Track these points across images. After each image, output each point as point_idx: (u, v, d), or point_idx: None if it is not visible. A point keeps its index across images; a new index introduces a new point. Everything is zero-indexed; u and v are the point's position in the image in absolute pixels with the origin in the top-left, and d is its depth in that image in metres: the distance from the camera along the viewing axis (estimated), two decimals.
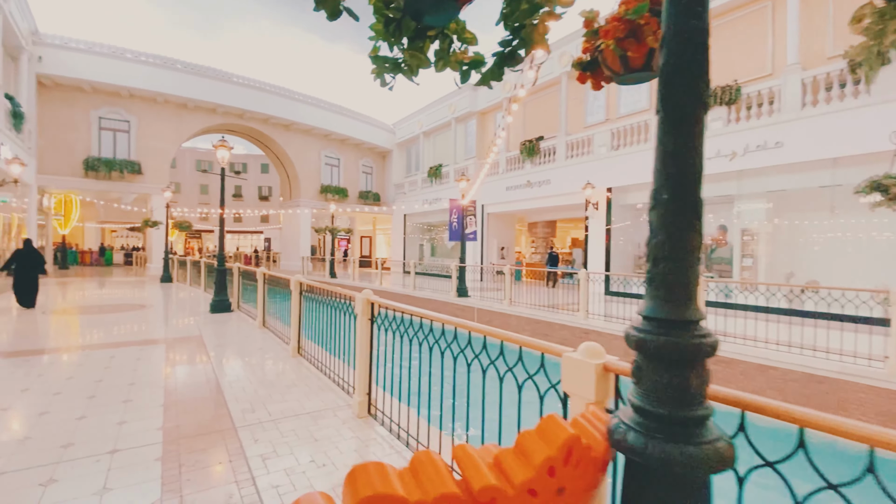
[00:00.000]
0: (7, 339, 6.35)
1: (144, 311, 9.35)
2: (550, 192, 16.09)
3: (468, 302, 12.01)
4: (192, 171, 44.21)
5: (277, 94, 21.16)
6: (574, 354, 1.62)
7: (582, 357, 1.58)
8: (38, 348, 5.83)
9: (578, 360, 1.58)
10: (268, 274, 7.34)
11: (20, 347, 5.85)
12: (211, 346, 6.11)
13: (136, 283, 16.44)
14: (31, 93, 15.41)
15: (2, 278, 12.22)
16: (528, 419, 1.71)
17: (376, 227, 32.25)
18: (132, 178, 17.89)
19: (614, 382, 1.55)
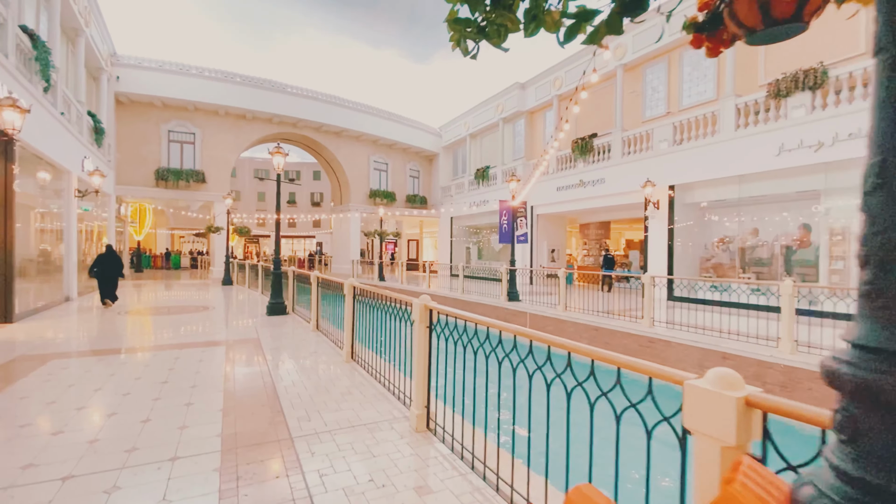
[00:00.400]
0: (87, 339, 6.75)
1: (207, 312, 9.73)
2: (605, 191, 15.33)
3: (519, 306, 11.60)
4: (250, 180, 46.61)
5: (329, 102, 21.76)
6: (701, 383, 1.29)
7: (714, 387, 1.25)
8: (112, 348, 6.13)
9: (709, 392, 1.25)
10: (321, 277, 7.37)
11: (98, 346, 6.18)
12: (267, 349, 6.17)
13: (201, 285, 17.37)
14: (110, 110, 16.73)
15: (86, 279, 13.30)
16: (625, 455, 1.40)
17: (423, 231, 32.39)
18: (197, 186, 19.00)
19: (762, 422, 1.21)
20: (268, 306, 9.44)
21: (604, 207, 16.14)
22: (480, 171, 21.85)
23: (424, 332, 3.39)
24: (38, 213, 10.08)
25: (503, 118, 20.79)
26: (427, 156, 27.43)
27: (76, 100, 12.66)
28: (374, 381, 4.72)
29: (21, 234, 9.00)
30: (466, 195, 23.31)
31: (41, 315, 9.02)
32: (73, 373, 4.86)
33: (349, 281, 5.50)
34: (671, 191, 13.13)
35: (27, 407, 3.80)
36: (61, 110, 10.62)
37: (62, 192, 11.46)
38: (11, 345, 6.23)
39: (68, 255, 11.58)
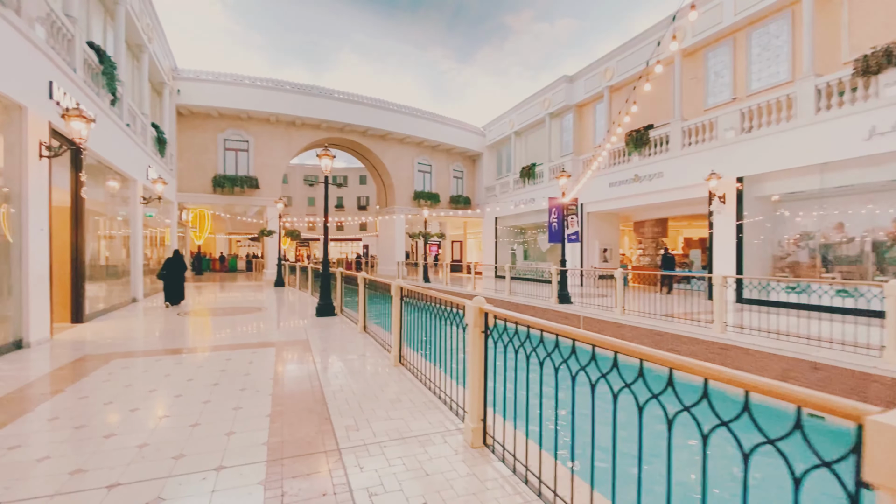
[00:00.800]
0: (148, 339, 6.99)
1: (259, 313, 9.93)
2: (662, 185, 14.35)
3: (571, 309, 11.01)
4: (301, 185, 48.39)
5: (374, 105, 22.00)
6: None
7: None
8: (170, 348, 6.28)
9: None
10: (368, 278, 7.24)
11: (156, 347, 6.36)
12: (316, 351, 6.09)
13: (254, 287, 18.01)
14: (171, 122, 17.73)
15: (151, 282, 14.11)
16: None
17: (467, 231, 32.10)
18: (251, 192, 19.76)
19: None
20: (317, 307, 9.48)
21: (661, 203, 15.13)
22: (526, 170, 21.27)
23: (479, 338, 3.07)
24: (107, 220, 10.72)
25: (550, 113, 20.11)
26: (471, 156, 27.14)
27: (141, 112, 13.43)
28: (423, 387, 4.46)
29: (91, 239, 9.59)
30: (511, 194, 22.77)
31: (109, 315, 9.54)
32: (131, 373, 4.96)
33: (396, 282, 5.28)
34: (739, 183, 12.05)
35: (85, 407, 3.84)
36: (127, 122, 11.27)
37: (129, 200, 12.16)
38: (80, 344, 6.54)
39: (135, 258, 12.27)
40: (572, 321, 10.66)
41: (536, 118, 21.08)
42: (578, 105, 19.18)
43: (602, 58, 17.23)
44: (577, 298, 12.14)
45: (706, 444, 1.49)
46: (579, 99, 18.73)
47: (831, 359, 6.10)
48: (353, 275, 8.34)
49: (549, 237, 12.60)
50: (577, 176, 18.26)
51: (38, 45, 6.55)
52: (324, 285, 9.49)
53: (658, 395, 1.65)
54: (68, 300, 8.42)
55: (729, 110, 12.38)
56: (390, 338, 5.90)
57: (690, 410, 1.52)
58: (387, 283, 6.05)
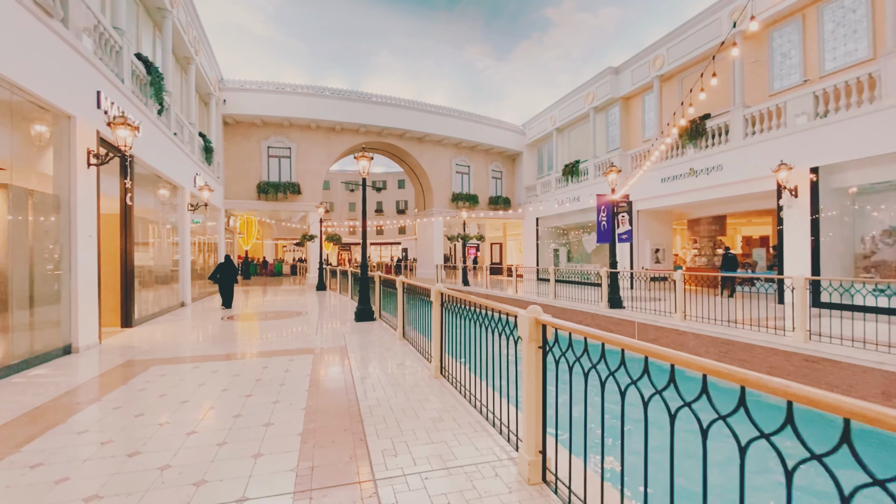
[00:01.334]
0: (189, 344, 6.97)
1: (300, 318, 9.85)
2: (722, 179, 13.21)
3: (624, 314, 10.22)
4: (342, 191, 49.41)
5: (411, 108, 21.88)
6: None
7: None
8: (208, 354, 6.19)
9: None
10: (406, 282, 6.90)
11: (195, 352, 6.29)
12: (353, 359, 5.79)
13: (297, 290, 18.24)
14: (218, 131, 18.32)
15: (200, 286, 14.54)
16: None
17: (506, 233, 31.40)
18: (293, 198, 20.12)
19: None
20: (356, 312, 9.28)
21: (720, 199, 13.93)
22: (569, 167, 20.41)
23: (536, 355, 2.59)
24: (156, 226, 11.04)
25: (594, 107, 19.18)
26: (510, 155, 26.50)
27: (188, 122, 13.86)
28: (467, 404, 4.02)
29: (140, 245, 9.85)
30: (554, 193, 21.95)
31: (158, 320, 9.75)
32: (168, 381, 4.83)
33: (437, 287, 4.88)
34: (813, 174, 10.83)
35: (115, 420, 3.69)
36: (174, 131, 11.59)
37: (177, 207, 12.53)
38: (126, 350, 6.59)
39: (183, 263, 12.62)
40: (625, 328, 9.89)
41: (579, 113, 20.20)
42: (625, 97, 18.16)
43: (650, 46, 16.20)
44: (628, 302, 11.30)
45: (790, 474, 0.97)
46: (626, 91, 17.73)
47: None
48: (391, 279, 8.04)
49: (597, 237, 11.84)
50: (628, 172, 17.29)
51: (86, 55, 6.69)
52: (362, 290, 9.26)
53: (771, 434, 1.15)
54: (118, 305, 8.64)
55: (800, 94, 11.17)
56: (430, 346, 5.51)
57: (771, 441, 0.99)
58: (425, 288, 5.67)
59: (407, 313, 7.09)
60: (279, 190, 19.56)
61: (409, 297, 6.98)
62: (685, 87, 15.59)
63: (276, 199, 19.75)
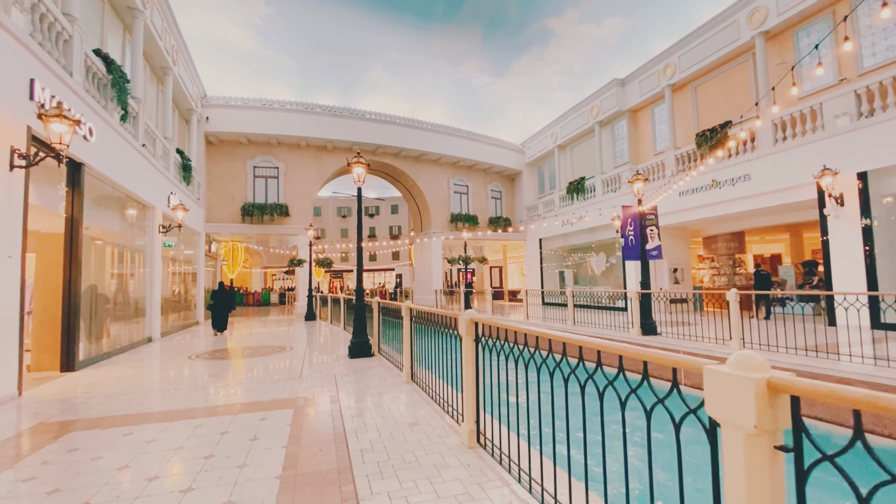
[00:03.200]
0: (134, 395, 5.39)
1: (284, 355, 8.29)
2: (750, 190, 12.09)
3: (660, 341, 8.80)
4: (334, 217, 48.21)
5: (407, 125, 20.87)
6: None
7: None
8: (152, 411, 4.63)
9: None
10: (416, 309, 5.45)
11: (137, 408, 4.72)
12: (349, 417, 4.28)
13: (284, 321, 16.59)
14: (200, 150, 17.03)
15: (172, 319, 12.89)
16: None
17: (507, 256, 30.11)
18: (280, 220, 18.70)
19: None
20: (350, 346, 7.75)
21: (748, 212, 12.77)
22: (574, 185, 19.34)
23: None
24: (118, 249, 9.53)
25: (599, 122, 18.27)
26: (509, 175, 25.50)
27: (162, 135, 12.56)
28: (533, 500, 2.53)
29: (94, 271, 8.32)
30: (557, 212, 20.79)
31: (114, 360, 8.12)
32: (78, 458, 3.29)
33: (468, 315, 3.43)
34: (860, 180, 9.71)
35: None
36: (143, 142, 10.24)
37: (146, 228, 11.06)
38: (50, 404, 5.00)
39: (152, 293, 11.04)
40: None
41: (583, 128, 19.28)
42: (632, 110, 17.29)
43: (660, 54, 15.41)
44: (661, 328, 9.90)
45: None
46: (633, 103, 16.85)
47: None
48: (394, 305, 6.58)
49: (624, 253, 10.53)
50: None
51: (15, 32, 5.38)
52: (358, 320, 7.77)
53: None
54: (58, 344, 7.04)
55: (838, 93, 10.19)
56: (453, 396, 4.05)
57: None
58: (446, 317, 4.23)
59: (416, 348, 5.61)
60: (265, 212, 18.15)
61: (419, 327, 5.52)
62: (700, 96, 14.71)
63: (263, 222, 18.31)
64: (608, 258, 18.84)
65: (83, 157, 7.27)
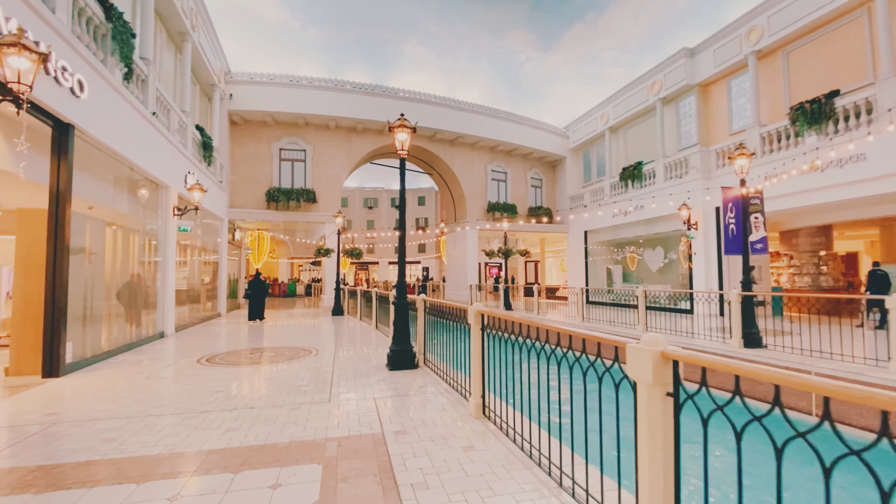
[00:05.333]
0: (116, 420, 4.01)
1: (308, 363, 6.86)
2: (866, 173, 9.92)
3: (774, 356, 6.94)
4: (360, 208, 47.24)
5: (443, 105, 19.21)
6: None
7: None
8: (127, 454, 3.21)
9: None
10: (491, 315, 3.85)
11: (112, 449, 3.31)
12: (405, 487, 2.73)
13: (310, 315, 15.35)
14: (223, 130, 15.87)
15: (191, 312, 11.77)
16: None
17: (544, 249, 28.20)
18: (307, 207, 17.44)
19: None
20: (389, 356, 6.24)
21: (852, 200, 10.58)
22: (629, 170, 17.30)
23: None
24: (123, 233, 8.30)
25: (662, 98, 16.17)
26: (551, 161, 23.54)
27: (180, 109, 11.35)
28: None
29: (97, 257, 7.08)
30: (608, 202, 18.79)
31: (111, 363, 6.88)
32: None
33: (654, 341, 1.81)
34: None
35: None
36: (153, 110, 8.97)
37: (159, 210, 9.85)
38: (3, 431, 3.66)
39: (164, 283, 9.85)
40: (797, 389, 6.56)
41: (641, 107, 17.20)
42: (703, 84, 15.12)
43: (743, 16, 13.21)
44: (729, 335, 8.00)
45: None
46: (706, 75, 14.69)
47: None
48: (454, 306, 4.99)
49: (725, 246, 8.70)
50: (711, 170, 14.10)
51: None
52: (400, 323, 6.23)
53: None
54: (40, 345, 5.79)
55: None
56: (535, 433, 2.44)
57: None
58: (559, 330, 2.62)
59: (487, 368, 4.02)
60: (291, 197, 16.91)
61: (490, 335, 3.92)
62: (793, 64, 12.48)
63: (289, 209, 17.08)
64: (667, 253, 16.79)
65: (72, 116, 5.96)
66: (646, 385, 1.75)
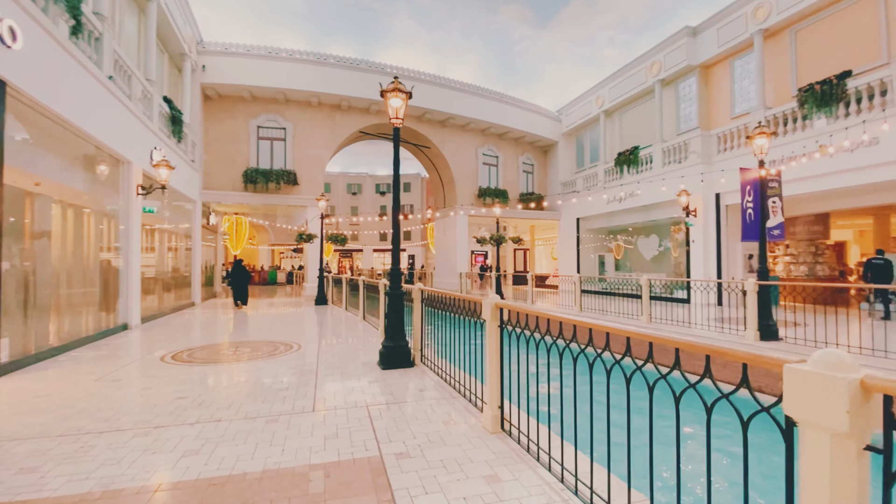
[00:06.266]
0: (46, 451, 3.21)
1: (288, 360, 6.09)
2: (879, 157, 9.51)
3: (795, 349, 6.47)
4: (344, 194, 45.90)
5: (434, 83, 18.21)
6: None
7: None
8: (55, 495, 2.43)
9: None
10: (515, 309, 3.15)
11: (14, 492, 2.52)
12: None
13: (291, 304, 14.49)
14: (195, 104, 14.68)
15: (160, 302, 10.80)
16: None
17: (534, 236, 27.68)
18: (288, 189, 16.40)
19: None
20: (382, 352, 5.52)
21: (868, 186, 10.20)
22: (625, 155, 16.74)
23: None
24: (76, 212, 7.31)
25: (661, 80, 15.56)
26: (542, 146, 22.85)
27: (144, 77, 10.23)
28: None
29: (38, 236, 6.12)
30: (602, 188, 18.24)
31: (59, 360, 5.99)
32: None
33: (828, 372, 1.12)
34: None
35: None
36: (109, 74, 7.91)
37: (121, 188, 8.83)
38: None
39: (127, 268, 8.87)
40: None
41: (639, 89, 16.57)
42: (705, 65, 14.54)
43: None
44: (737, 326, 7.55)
45: None
46: (707, 56, 14.11)
47: None
48: (462, 298, 4.28)
49: (743, 232, 8.18)
50: (712, 155, 13.62)
51: None
52: (393, 314, 5.50)
53: None
54: None
55: None
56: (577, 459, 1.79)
57: None
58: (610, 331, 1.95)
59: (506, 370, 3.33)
60: (271, 179, 15.84)
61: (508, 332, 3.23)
62: (801, 43, 11.97)
63: (267, 191, 16.02)
64: (661, 241, 16.39)
65: (1, 70, 4.97)
66: (824, 433, 1.09)
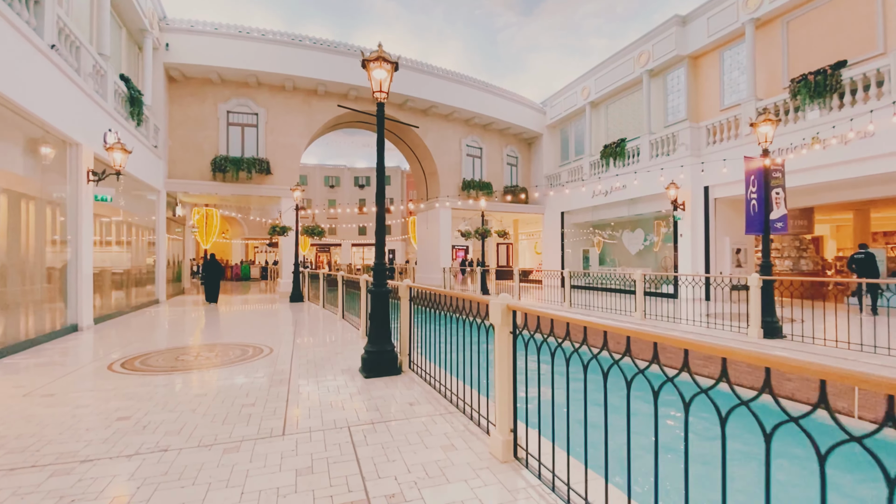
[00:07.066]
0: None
1: (258, 367, 5.39)
2: (873, 150, 9.34)
3: (803, 349, 6.14)
4: (321, 186, 44.60)
5: (416, 69, 17.44)
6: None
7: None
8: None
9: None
10: (533, 313, 2.56)
11: None
12: None
13: (266, 301, 13.64)
14: (158, 86, 13.56)
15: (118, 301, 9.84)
16: None
17: (517, 231, 27.30)
18: (261, 178, 15.44)
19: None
20: (364, 358, 4.87)
21: (861, 178, 10.04)
22: (612, 147, 16.40)
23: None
24: (9, 199, 6.37)
25: (649, 70, 15.23)
26: (527, 139, 22.39)
27: (96, 51, 9.21)
28: None
29: None
30: (588, 182, 17.90)
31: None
32: None
33: None
34: None
35: None
36: (52, 42, 6.94)
37: (68, 174, 7.87)
38: None
39: (77, 263, 7.93)
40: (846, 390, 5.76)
41: (627, 80, 16.22)
42: (694, 55, 14.26)
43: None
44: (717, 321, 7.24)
45: None
46: (697, 46, 13.82)
47: None
48: (462, 297, 3.68)
49: (747, 224, 7.85)
50: (702, 148, 13.37)
51: None
52: (377, 316, 4.86)
53: None
54: None
55: None
56: None
57: None
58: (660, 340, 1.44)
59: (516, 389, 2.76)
60: (242, 168, 14.85)
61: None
62: (793, 33, 11.76)
63: (238, 180, 15.03)
64: (646, 235, 16.16)
65: None
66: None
